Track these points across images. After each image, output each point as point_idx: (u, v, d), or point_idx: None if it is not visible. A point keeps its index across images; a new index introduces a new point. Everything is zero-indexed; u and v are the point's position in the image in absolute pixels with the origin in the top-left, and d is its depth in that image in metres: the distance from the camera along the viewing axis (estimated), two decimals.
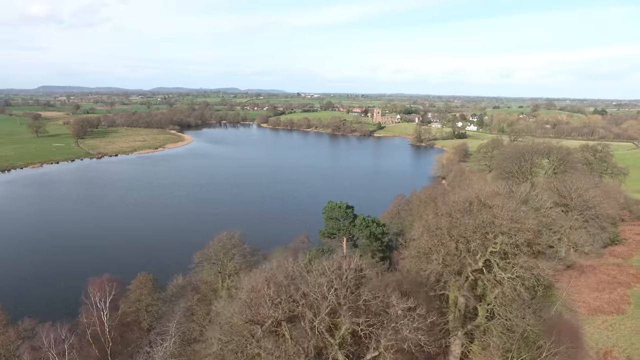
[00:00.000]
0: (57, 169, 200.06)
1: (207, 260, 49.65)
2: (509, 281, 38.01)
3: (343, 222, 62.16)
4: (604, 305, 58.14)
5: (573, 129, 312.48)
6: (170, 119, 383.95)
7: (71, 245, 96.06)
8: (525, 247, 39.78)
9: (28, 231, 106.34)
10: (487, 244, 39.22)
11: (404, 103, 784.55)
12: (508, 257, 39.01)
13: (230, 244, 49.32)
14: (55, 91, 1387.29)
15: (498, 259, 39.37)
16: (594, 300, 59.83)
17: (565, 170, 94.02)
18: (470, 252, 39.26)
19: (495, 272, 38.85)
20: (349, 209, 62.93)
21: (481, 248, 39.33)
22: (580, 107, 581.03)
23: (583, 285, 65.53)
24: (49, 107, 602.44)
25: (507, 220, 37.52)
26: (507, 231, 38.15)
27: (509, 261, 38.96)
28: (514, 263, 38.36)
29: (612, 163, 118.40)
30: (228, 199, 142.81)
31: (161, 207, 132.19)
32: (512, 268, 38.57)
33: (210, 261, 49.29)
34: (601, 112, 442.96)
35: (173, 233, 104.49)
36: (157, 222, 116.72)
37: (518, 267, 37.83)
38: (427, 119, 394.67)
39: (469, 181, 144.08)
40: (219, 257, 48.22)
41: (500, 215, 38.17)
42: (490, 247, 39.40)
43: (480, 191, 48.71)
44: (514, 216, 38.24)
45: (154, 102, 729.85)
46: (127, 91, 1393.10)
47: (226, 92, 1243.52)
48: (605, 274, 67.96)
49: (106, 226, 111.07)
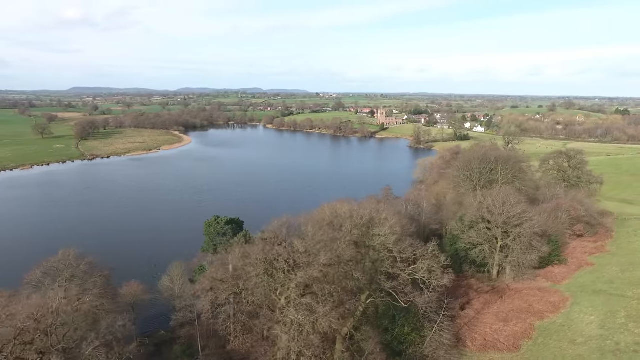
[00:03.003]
0: (45, 170, 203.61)
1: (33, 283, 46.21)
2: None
3: (221, 238, 57.73)
4: (500, 341, 51.62)
5: (585, 130, 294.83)
6: (175, 120, 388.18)
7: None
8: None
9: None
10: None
11: (423, 103, 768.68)
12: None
13: (64, 264, 45.80)
14: (85, 92, 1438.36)
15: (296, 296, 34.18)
16: (492, 333, 53.32)
17: (512, 181, 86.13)
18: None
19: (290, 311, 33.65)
20: (228, 225, 58.41)
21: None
22: (602, 107, 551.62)
23: (493, 313, 58.88)
24: (70, 108, 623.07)
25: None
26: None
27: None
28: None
29: (586, 171, 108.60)
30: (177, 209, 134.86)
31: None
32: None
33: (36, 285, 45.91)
34: (623, 111, 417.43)
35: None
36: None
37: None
38: (433, 120, 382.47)
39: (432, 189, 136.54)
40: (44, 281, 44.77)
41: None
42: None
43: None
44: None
45: (173, 103, 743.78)
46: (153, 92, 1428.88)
47: (246, 93, 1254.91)
48: (522, 301, 60.93)
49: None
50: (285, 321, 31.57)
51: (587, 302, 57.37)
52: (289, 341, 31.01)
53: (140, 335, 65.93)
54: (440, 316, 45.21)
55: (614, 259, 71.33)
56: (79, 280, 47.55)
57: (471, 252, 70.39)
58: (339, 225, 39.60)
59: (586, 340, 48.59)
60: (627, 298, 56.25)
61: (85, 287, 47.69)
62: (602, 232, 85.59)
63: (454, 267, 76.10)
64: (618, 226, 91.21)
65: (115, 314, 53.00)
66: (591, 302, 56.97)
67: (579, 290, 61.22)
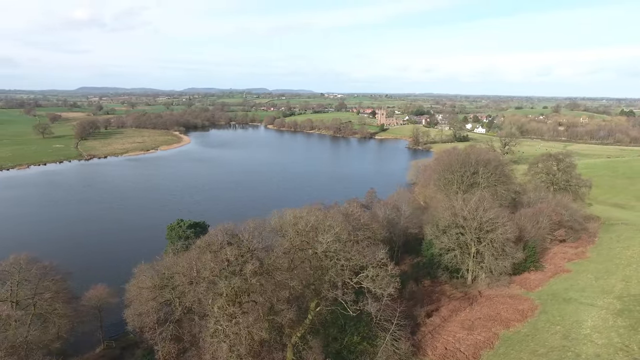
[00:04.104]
0: (41, 170, 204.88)
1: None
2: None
3: (183, 242, 57.02)
4: (460, 350, 50.35)
5: (587, 131, 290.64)
6: (176, 120, 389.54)
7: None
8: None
9: None
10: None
11: (427, 103, 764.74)
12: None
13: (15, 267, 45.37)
14: (92, 92, 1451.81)
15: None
16: (454, 342, 52.08)
17: (494, 185, 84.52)
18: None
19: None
20: (191, 228, 57.75)
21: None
22: (608, 108, 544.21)
23: (459, 321, 57.54)
24: (75, 108, 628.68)
25: None
26: None
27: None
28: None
29: (574, 175, 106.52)
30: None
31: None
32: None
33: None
34: (628, 113, 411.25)
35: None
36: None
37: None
38: (434, 121, 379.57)
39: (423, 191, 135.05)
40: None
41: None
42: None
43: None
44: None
45: (177, 103, 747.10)
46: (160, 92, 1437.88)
47: (251, 93, 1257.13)
48: (491, 308, 59.55)
49: None
50: (215, 330, 30.77)
51: (556, 310, 55.83)
52: (217, 352, 30.12)
53: (107, 338, 65.69)
54: (393, 325, 44.04)
55: (591, 265, 69.58)
56: (29, 284, 47.10)
57: (444, 257, 69.16)
58: (283, 232, 38.70)
59: (547, 351, 47.14)
60: (596, 307, 54.61)
61: (37, 291, 47.15)
62: (584, 238, 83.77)
63: (430, 272, 75.12)
64: (603, 231, 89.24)
65: (72, 318, 52.58)
66: (560, 311, 55.42)
67: (550, 298, 59.67)
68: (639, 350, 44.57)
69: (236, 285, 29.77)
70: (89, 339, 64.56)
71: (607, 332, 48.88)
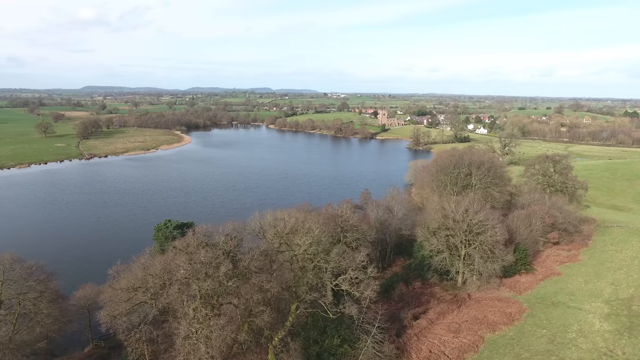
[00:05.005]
0: (42, 169, 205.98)
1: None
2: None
3: (170, 243, 56.97)
4: (445, 353, 50.16)
5: (589, 132, 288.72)
6: (178, 120, 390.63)
7: None
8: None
9: None
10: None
11: (430, 103, 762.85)
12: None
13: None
14: (97, 91, 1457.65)
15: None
16: (439, 345, 51.86)
17: (488, 187, 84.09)
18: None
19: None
20: (178, 229, 57.84)
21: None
22: (612, 109, 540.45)
23: (446, 324, 57.29)
24: (78, 107, 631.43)
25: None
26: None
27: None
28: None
29: (570, 177, 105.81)
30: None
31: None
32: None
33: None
34: (632, 114, 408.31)
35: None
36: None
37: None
38: (436, 121, 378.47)
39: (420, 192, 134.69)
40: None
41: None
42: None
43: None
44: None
45: (181, 103, 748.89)
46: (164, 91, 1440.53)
47: (255, 92, 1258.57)
48: (479, 311, 59.25)
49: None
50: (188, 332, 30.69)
51: (543, 314, 55.50)
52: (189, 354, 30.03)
53: (96, 338, 65.82)
54: (375, 327, 43.89)
55: (582, 268, 69.09)
56: (14, 284, 47.32)
57: (434, 259, 68.87)
58: (263, 234, 38.62)
59: (531, 355, 46.88)
60: (583, 311, 54.25)
61: (22, 291, 47.37)
62: (578, 240, 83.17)
63: (420, 274, 74.85)
64: (598, 234, 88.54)
65: (59, 318, 52.73)
66: (547, 315, 55.09)
67: (538, 302, 59.32)
68: (622, 355, 44.26)
69: (210, 287, 29.75)
70: (77, 339, 64.86)
71: (593, 336, 48.59)
